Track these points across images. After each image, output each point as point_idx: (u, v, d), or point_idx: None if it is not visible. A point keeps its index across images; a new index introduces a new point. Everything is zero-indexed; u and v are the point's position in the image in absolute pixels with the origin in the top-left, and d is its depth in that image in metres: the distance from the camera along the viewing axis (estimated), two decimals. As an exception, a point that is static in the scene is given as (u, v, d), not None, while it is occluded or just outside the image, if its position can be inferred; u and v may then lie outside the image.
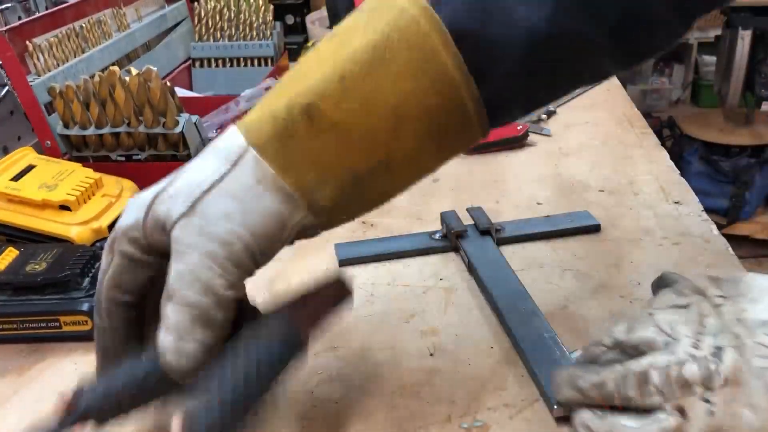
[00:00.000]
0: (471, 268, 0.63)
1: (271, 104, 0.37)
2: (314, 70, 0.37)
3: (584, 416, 0.40)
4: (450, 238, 0.66)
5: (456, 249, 0.66)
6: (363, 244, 0.68)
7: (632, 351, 0.39)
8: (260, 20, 1.15)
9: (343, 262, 0.65)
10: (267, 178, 0.36)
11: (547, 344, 0.51)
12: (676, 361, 0.36)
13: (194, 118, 0.77)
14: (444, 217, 0.68)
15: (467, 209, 0.70)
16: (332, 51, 0.37)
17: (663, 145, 0.88)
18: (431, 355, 0.53)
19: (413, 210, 0.76)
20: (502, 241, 0.67)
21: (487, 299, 0.59)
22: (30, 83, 0.77)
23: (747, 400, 0.34)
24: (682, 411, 0.35)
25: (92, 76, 0.75)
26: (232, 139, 0.37)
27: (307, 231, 0.39)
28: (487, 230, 0.67)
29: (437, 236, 0.67)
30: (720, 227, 0.87)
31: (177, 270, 0.36)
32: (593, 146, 0.89)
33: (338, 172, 0.37)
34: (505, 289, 0.58)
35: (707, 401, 0.35)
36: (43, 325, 0.56)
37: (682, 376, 0.35)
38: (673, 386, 0.35)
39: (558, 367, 0.44)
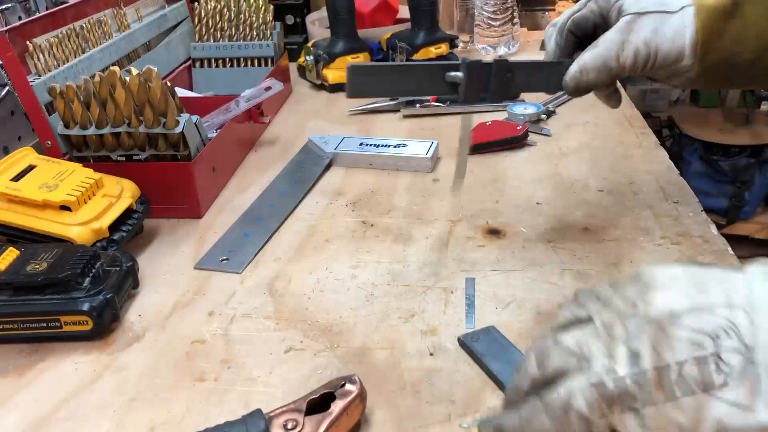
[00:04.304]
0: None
1: None
2: None
3: None
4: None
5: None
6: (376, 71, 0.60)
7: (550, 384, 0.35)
8: (260, 20, 1.15)
9: (355, 93, 0.58)
10: (691, 20, 0.55)
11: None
12: (596, 381, 0.33)
13: (194, 118, 0.77)
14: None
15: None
16: None
17: (662, 145, 0.88)
18: (431, 354, 0.53)
19: (413, 210, 0.76)
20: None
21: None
22: (30, 83, 0.77)
23: (673, 399, 0.31)
24: (614, 430, 0.33)
25: (92, 76, 0.75)
26: None
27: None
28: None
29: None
30: (719, 227, 0.87)
31: (610, 34, 0.57)
32: (593, 146, 0.89)
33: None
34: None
35: (637, 411, 0.32)
36: (44, 325, 0.57)
37: (604, 394, 0.33)
38: (598, 407, 0.33)
39: (484, 421, 0.44)
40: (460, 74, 0.58)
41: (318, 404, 0.45)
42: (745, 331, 0.30)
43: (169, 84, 0.75)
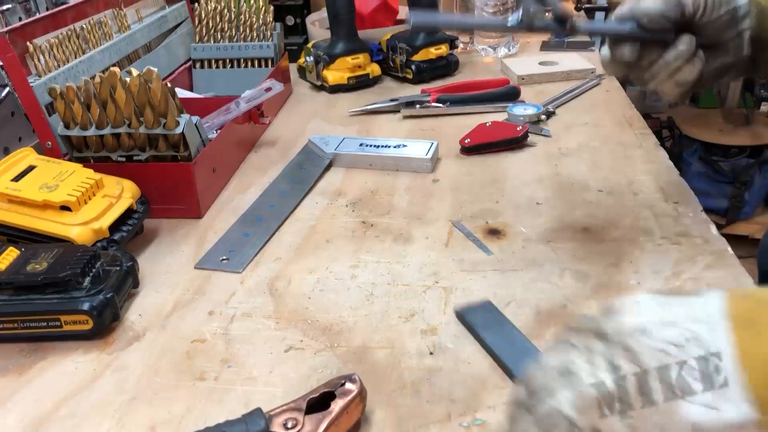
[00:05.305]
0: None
1: None
2: None
3: None
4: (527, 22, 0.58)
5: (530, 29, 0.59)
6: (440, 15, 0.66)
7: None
8: (260, 21, 1.15)
9: (417, 27, 0.62)
10: None
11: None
12: (582, 388, 0.34)
13: (195, 118, 0.77)
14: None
15: None
16: None
17: (662, 145, 0.88)
18: (431, 354, 0.53)
19: (413, 210, 0.76)
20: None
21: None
22: (31, 84, 0.77)
23: (652, 403, 0.33)
24: None
25: (93, 77, 0.75)
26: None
27: None
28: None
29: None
30: (719, 227, 0.87)
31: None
32: (593, 147, 0.89)
33: None
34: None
35: (622, 414, 0.33)
36: (44, 324, 0.57)
37: (588, 398, 0.34)
38: (584, 411, 0.34)
39: None
40: None
41: (318, 403, 0.45)
42: (707, 340, 0.32)
43: (169, 85, 0.75)
